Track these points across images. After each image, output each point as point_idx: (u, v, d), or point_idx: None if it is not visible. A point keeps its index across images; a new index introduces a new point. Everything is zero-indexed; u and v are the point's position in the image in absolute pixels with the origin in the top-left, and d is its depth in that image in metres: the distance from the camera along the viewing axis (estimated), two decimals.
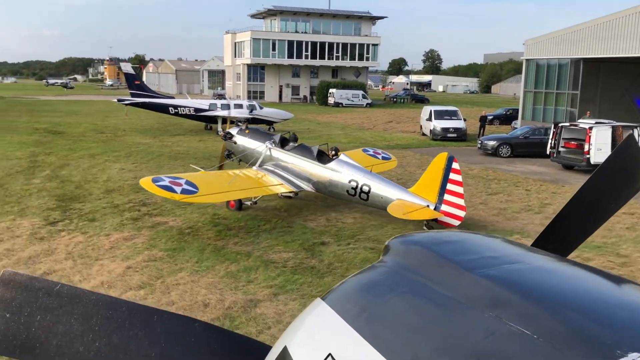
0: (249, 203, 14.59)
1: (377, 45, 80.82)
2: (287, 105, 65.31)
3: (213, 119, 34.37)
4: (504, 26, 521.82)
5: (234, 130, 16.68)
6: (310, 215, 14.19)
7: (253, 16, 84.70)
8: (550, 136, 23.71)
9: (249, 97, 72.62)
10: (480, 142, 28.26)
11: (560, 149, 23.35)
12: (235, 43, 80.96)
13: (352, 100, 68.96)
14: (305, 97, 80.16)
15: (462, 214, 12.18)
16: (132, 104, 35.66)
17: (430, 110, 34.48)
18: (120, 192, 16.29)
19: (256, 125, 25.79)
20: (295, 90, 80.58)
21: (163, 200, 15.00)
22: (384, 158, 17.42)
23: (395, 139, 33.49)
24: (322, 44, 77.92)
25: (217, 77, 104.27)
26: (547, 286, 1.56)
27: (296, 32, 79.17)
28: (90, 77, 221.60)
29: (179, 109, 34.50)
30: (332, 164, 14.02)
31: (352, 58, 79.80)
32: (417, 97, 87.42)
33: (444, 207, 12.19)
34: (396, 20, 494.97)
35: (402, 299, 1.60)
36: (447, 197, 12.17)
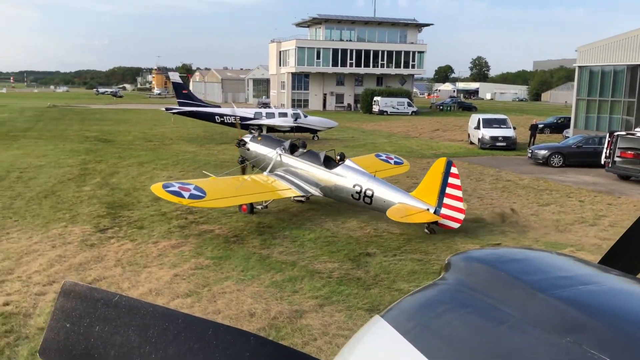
0: (259, 207, 15.05)
1: (423, 52, 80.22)
2: (331, 113, 65.50)
3: (258, 128, 34.76)
4: (554, 32, 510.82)
5: (247, 138, 17.37)
6: (355, 225, 14.13)
7: (298, 25, 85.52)
8: (605, 145, 22.93)
9: (293, 106, 73.28)
10: (530, 151, 27.58)
11: (616, 159, 22.55)
12: (280, 52, 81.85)
13: (397, 108, 68.58)
14: (349, 105, 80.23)
15: (461, 216, 12.55)
16: (179, 112, 36.49)
17: (479, 119, 33.91)
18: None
19: (300, 136, 26.01)
20: (340, 98, 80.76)
21: (210, 209, 15.27)
22: (396, 163, 17.78)
23: (442, 148, 33.07)
24: (367, 52, 77.89)
25: (262, 85, 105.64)
26: (625, 310, 1.47)
27: (341, 40, 79.46)
28: (139, 86, 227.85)
29: (224, 117, 35.08)
30: (337, 169, 14.54)
31: (398, 66, 79.45)
32: (465, 104, 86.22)
33: (443, 211, 12.60)
34: (443, 27, 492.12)
35: (467, 320, 1.54)
36: (446, 200, 12.55)
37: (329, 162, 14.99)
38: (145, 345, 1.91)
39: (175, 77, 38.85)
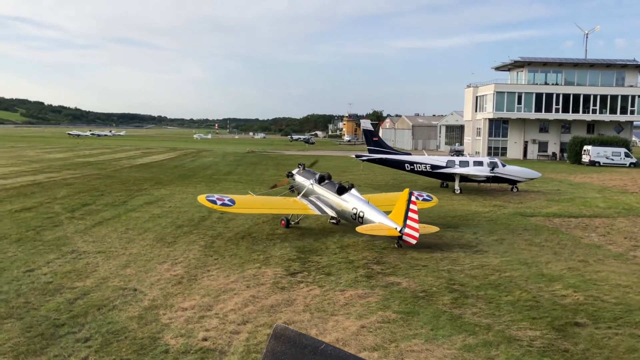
0: (292, 222, 20.38)
1: None
2: (532, 162, 62.45)
3: (450, 177, 34.38)
4: None
5: (294, 171, 22.98)
6: (561, 289, 13.12)
7: (497, 68, 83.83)
8: None
9: (489, 154, 71.40)
10: None
11: None
12: (476, 97, 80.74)
13: (612, 159, 62.92)
14: (554, 154, 75.86)
15: (417, 235, 16.43)
16: (369, 159, 37.67)
17: None
18: (354, 248, 17.12)
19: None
20: (543, 146, 76.83)
21: (397, 260, 15.43)
22: (424, 200, 21.87)
23: None
24: (576, 96, 73.35)
25: (455, 132, 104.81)
26: None
27: (545, 83, 76.09)
28: (330, 132, 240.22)
29: (414, 165, 35.32)
30: (344, 196, 19.31)
31: (613, 111, 73.44)
32: None
33: (406, 230, 16.53)
34: None
35: None
36: (408, 222, 16.52)
37: (342, 190, 19.64)
38: None
39: (366, 124, 40.34)
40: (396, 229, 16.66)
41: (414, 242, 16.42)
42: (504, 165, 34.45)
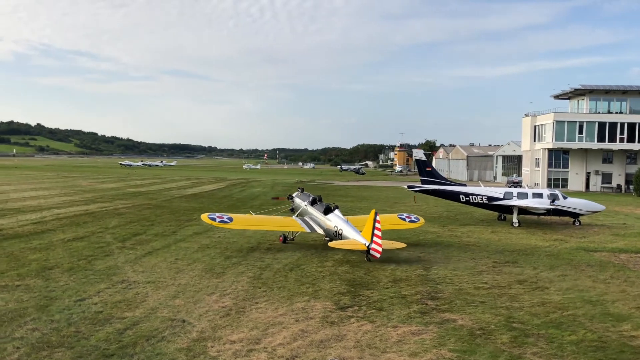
0: (289, 239, 24.04)
1: None
2: (595, 195, 60.66)
3: (508, 209, 33.68)
4: None
5: (294, 194, 26.79)
6: (630, 329, 12.55)
7: (557, 97, 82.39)
8: None
9: (549, 185, 69.78)
10: None
11: None
12: (535, 126, 79.36)
13: None
14: (619, 186, 73.53)
15: (380, 249, 19.30)
16: (421, 190, 37.37)
17: None
18: (407, 282, 16.89)
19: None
20: (607, 178, 74.66)
21: (453, 296, 15.16)
22: (411, 221, 25.84)
23: None
24: None
25: (513, 163, 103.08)
26: None
27: (609, 112, 74.19)
28: (381, 162, 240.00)
29: (470, 196, 34.81)
30: (329, 216, 22.72)
31: None
32: None
33: (373, 245, 19.37)
34: None
35: None
36: (374, 238, 19.36)
37: (328, 211, 23.02)
38: None
39: (419, 154, 40.14)
40: (365, 244, 19.60)
41: (378, 255, 19.33)
42: (565, 198, 33.55)
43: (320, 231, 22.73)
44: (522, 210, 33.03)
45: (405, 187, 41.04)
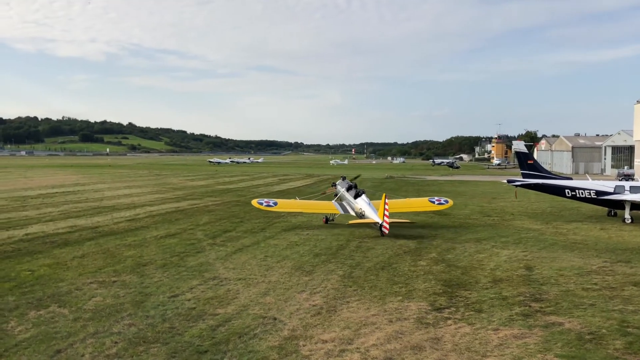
0: (331, 219, 29.35)
1: None
2: None
3: (619, 204, 31.94)
4: None
5: (337, 182, 32.39)
6: None
7: None
8: None
9: None
10: None
11: None
12: None
13: None
14: None
15: (388, 226, 24.32)
16: (523, 185, 36.12)
17: None
18: (509, 283, 16.41)
19: None
20: None
21: (559, 298, 14.62)
22: (440, 204, 30.14)
23: None
24: None
25: (623, 154, 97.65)
26: None
27: None
28: (477, 156, 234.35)
29: (576, 191, 33.29)
30: (357, 200, 27.39)
31: None
32: None
33: (383, 223, 24.27)
34: None
35: None
36: (385, 218, 24.25)
37: (357, 196, 27.68)
38: None
39: (519, 146, 38.81)
40: (377, 222, 24.82)
41: (386, 231, 24.37)
42: None
43: (352, 213, 27.38)
44: (635, 205, 31.22)
45: (505, 181, 39.82)
